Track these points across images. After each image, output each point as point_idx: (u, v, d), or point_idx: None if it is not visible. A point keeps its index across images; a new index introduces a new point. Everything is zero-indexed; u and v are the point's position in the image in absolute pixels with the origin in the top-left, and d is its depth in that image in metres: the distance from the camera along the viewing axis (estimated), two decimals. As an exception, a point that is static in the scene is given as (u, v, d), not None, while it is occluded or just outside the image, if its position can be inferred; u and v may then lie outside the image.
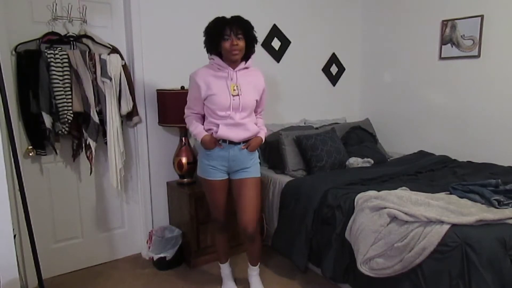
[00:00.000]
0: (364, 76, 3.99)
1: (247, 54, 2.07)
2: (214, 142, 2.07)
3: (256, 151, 2.21)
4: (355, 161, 2.98)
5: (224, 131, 2.03)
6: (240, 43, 1.98)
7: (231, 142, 2.07)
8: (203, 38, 2.04)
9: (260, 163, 2.27)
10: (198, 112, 2.14)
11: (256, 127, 2.14)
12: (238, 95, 2.02)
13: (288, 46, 3.37)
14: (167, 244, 2.68)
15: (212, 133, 2.07)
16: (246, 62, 2.09)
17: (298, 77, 3.56)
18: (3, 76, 1.71)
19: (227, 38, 1.96)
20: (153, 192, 2.86)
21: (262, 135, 2.19)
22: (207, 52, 2.06)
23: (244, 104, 2.03)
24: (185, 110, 2.20)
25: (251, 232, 2.14)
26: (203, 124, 2.15)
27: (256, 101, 2.14)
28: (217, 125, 2.04)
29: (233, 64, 2.04)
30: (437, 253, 1.73)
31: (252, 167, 2.16)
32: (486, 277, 1.60)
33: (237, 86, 2.03)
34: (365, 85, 3.99)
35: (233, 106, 2.01)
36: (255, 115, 2.23)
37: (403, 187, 2.26)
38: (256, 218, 2.16)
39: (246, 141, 2.11)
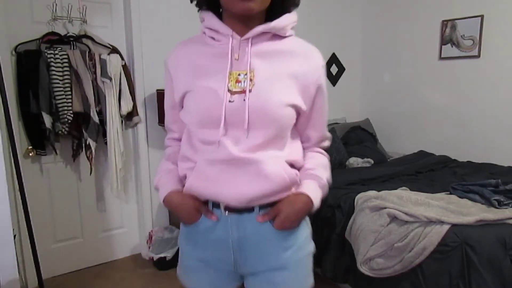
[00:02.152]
0: (364, 76, 3.98)
1: (280, 3, 0.96)
2: (195, 208, 1.00)
3: (306, 223, 1.05)
4: (355, 161, 2.98)
5: (201, 179, 0.96)
6: None
7: (231, 208, 0.96)
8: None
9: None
10: (180, 135, 1.10)
11: (288, 171, 0.97)
12: (243, 91, 0.92)
13: (288, 46, 3.37)
14: (167, 244, 2.68)
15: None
16: (273, 21, 0.95)
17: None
18: (3, 76, 1.71)
19: None
20: (153, 192, 2.86)
21: (312, 190, 0.99)
22: (197, 6, 1.02)
23: (258, 112, 0.92)
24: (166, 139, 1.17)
25: None
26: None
27: (298, 110, 0.98)
28: (194, 166, 0.99)
29: (242, 25, 0.95)
30: (437, 253, 1.73)
31: (292, 265, 1.00)
32: (486, 277, 1.60)
33: (246, 74, 0.93)
34: (365, 85, 3.99)
35: (227, 117, 0.92)
36: (304, 147, 1.08)
37: (403, 187, 2.26)
38: None
39: (271, 205, 0.97)
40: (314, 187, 1.01)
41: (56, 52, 2.21)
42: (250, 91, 0.92)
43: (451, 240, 1.70)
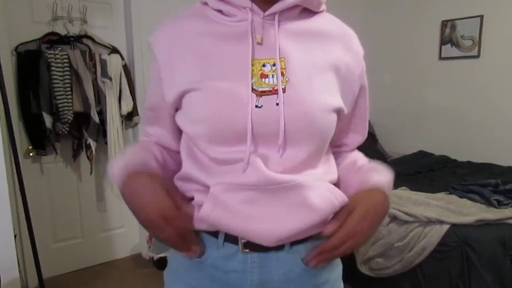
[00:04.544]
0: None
1: None
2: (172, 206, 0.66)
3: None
4: (355, 161, 2.98)
5: (220, 208, 0.68)
6: None
7: (255, 246, 0.71)
8: None
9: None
10: (159, 141, 0.82)
11: (336, 193, 0.71)
12: (273, 90, 0.67)
13: (288, 46, 3.37)
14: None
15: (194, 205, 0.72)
16: None
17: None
18: (3, 76, 1.71)
19: None
20: (153, 192, 2.86)
21: (385, 183, 0.75)
22: None
23: (297, 122, 0.68)
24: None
25: None
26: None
27: (339, 115, 0.74)
28: (204, 189, 0.71)
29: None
30: (437, 253, 1.73)
31: None
32: (486, 277, 1.61)
33: (274, 64, 0.68)
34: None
35: (254, 128, 0.67)
36: (336, 151, 0.87)
37: (403, 187, 2.27)
38: None
39: (303, 240, 0.74)
40: (385, 178, 0.75)
41: (57, 52, 2.21)
42: (283, 90, 0.67)
43: (451, 240, 1.70)
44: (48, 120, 2.21)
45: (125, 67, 2.52)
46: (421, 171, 2.79)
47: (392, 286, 1.90)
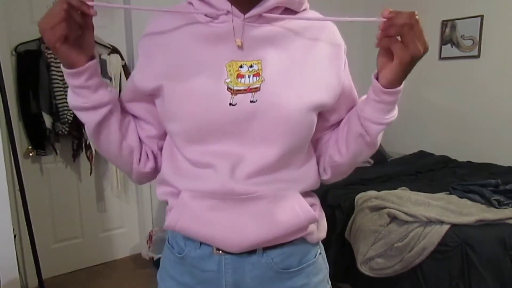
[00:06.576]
0: (363, 77, 3.97)
1: None
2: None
3: (324, 261, 0.90)
4: (355, 161, 2.98)
5: (187, 214, 0.74)
6: None
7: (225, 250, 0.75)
8: None
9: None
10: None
11: (304, 208, 0.76)
12: (249, 89, 0.68)
13: (288, 46, 3.37)
14: (167, 244, 2.68)
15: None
16: None
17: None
18: (3, 76, 1.71)
19: None
20: (153, 192, 2.86)
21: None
22: None
23: (270, 120, 0.68)
24: None
25: None
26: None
27: (319, 108, 0.76)
28: (177, 193, 0.76)
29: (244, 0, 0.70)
30: (437, 253, 1.73)
31: None
32: (486, 277, 1.61)
33: (251, 65, 0.69)
34: (365, 85, 3.98)
35: (226, 126, 0.69)
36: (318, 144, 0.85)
37: (403, 187, 2.26)
38: None
39: (278, 246, 0.77)
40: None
41: (56, 52, 2.21)
42: (258, 89, 0.68)
43: (451, 240, 1.70)
44: (48, 120, 2.21)
45: (125, 67, 2.52)
46: (421, 171, 2.79)
47: (392, 286, 1.90)
